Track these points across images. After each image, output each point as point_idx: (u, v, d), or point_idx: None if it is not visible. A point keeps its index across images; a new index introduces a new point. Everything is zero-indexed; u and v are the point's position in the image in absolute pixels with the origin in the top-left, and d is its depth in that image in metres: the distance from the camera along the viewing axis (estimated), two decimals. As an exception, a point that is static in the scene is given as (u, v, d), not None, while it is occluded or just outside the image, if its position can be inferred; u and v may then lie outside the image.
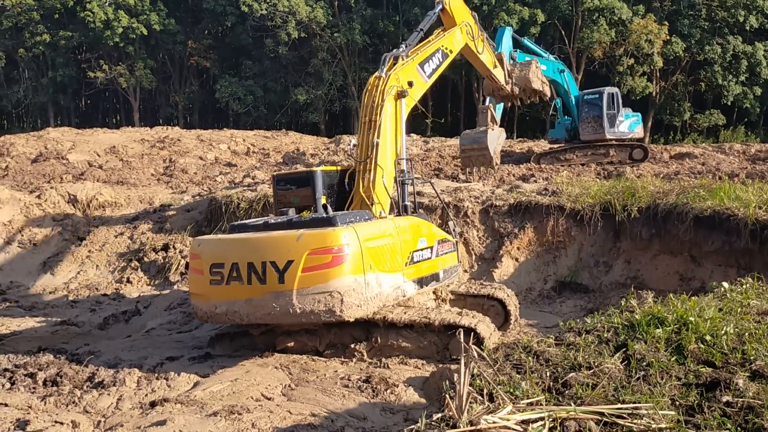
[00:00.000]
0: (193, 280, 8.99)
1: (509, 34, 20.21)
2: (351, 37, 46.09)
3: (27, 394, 7.64)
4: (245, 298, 8.21)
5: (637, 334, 6.23)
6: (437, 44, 11.69)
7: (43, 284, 15.66)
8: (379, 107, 10.18)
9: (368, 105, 10.30)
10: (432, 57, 11.42)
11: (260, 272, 8.09)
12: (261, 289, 8.09)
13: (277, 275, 8.00)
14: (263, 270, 8.08)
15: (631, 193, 13.60)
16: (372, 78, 10.47)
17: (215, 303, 8.44)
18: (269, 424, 6.64)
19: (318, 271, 7.95)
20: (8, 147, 27.32)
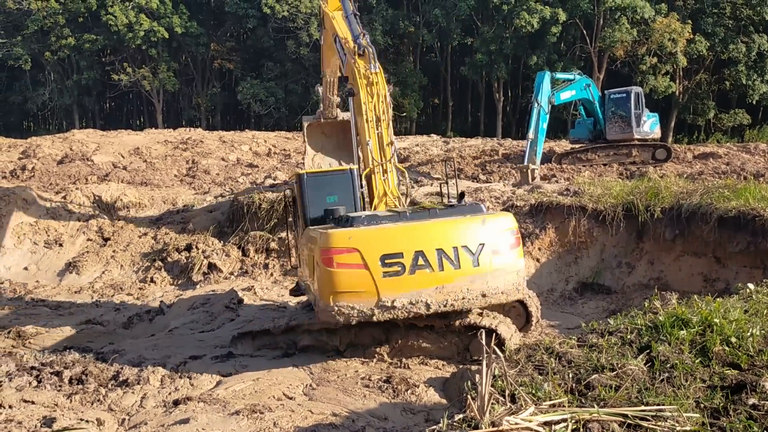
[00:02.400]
0: (346, 277, 7.98)
1: (548, 79, 21.30)
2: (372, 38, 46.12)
3: (53, 391, 7.75)
4: (435, 286, 8.13)
5: (660, 336, 6.16)
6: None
7: (69, 284, 15.89)
8: (384, 103, 10.26)
9: (373, 101, 10.28)
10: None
11: (453, 257, 8.13)
12: (455, 275, 8.15)
13: (471, 259, 8.17)
14: (456, 255, 8.14)
15: (654, 194, 13.46)
16: (365, 72, 10.35)
17: (390, 297, 8.03)
18: (291, 423, 6.68)
19: (503, 254, 8.37)
20: (34, 149, 27.73)
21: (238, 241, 16.30)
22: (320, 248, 8.03)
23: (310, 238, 8.87)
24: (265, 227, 16.40)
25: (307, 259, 9.02)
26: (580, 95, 23.57)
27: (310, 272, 8.75)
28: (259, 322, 10.80)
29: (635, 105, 23.32)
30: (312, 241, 8.61)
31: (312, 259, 8.53)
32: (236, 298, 13.12)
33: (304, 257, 9.52)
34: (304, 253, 9.47)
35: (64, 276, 16.34)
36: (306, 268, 9.34)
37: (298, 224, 10.51)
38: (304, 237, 9.56)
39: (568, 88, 23.00)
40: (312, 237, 8.66)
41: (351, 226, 8.21)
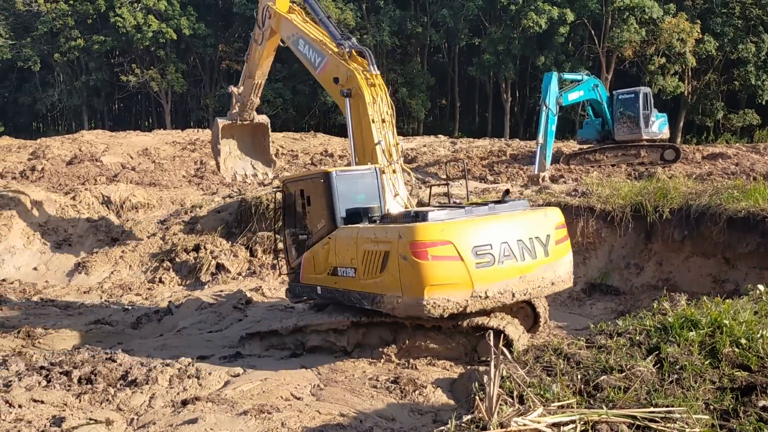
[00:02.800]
0: (441, 270, 7.93)
1: (556, 79, 21.31)
2: (380, 39, 46.14)
3: (62, 391, 7.79)
4: (519, 276, 8.41)
5: (669, 337, 6.13)
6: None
7: (78, 284, 15.96)
8: (387, 104, 10.32)
9: (377, 102, 10.34)
10: None
11: (530, 248, 8.50)
12: (534, 264, 8.54)
13: (542, 249, 8.64)
14: (532, 245, 8.53)
15: (663, 194, 13.40)
16: (364, 73, 10.42)
17: (483, 287, 8.12)
18: (298, 423, 6.69)
19: (561, 244, 8.96)
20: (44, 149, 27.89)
21: (245, 242, 16.34)
22: (410, 242, 7.89)
23: (369, 234, 8.57)
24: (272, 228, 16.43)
25: (360, 257, 8.65)
26: (588, 96, 23.55)
27: (369, 270, 8.52)
28: (267, 323, 10.83)
29: (643, 105, 23.24)
30: (379, 237, 8.38)
31: (375, 256, 8.36)
32: (244, 298, 13.15)
33: (340, 256, 9.11)
34: (341, 252, 9.08)
35: (73, 276, 16.42)
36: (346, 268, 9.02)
37: (293, 227, 10.39)
38: (339, 236, 9.18)
39: (576, 89, 22.97)
40: (382, 232, 8.39)
41: (424, 221, 8.14)
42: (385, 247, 8.22)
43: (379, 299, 8.41)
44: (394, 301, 8.15)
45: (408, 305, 8.05)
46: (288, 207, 10.62)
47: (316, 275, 9.72)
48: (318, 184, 9.63)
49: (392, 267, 8.12)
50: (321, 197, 9.57)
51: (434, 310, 7.93)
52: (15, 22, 51.41)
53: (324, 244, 9.49)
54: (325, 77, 11.27)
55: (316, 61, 11.36)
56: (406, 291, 8.01)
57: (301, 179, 10.50)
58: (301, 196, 10.17)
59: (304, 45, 11.74)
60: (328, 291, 9.57)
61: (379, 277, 8.33)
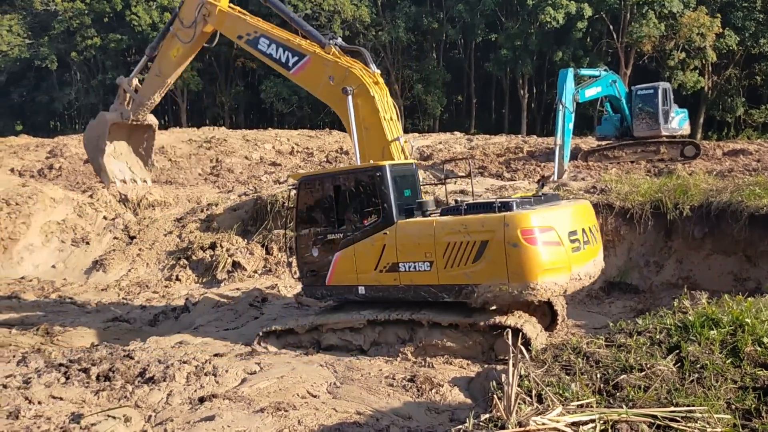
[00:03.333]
0: (549, 255, 8.22)
1: (572, 76, 20.95)
2: (395, 35, 46.08)
3: (81, 388, 7.84)
4: (592, 260, 9.12)
5: (690, 336, 6.05)
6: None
7: (96, 281, 16.09)
8: (390, 101, 10.31)
9: (385, 101, 10.29)
10: None
11: (591, 236, 9.22)
12: (595, 249, 9.39)
13: (595, 237, 9.41)
14: (592, 234, 9.31)
15: (683, 191, 13.24)
16: (368, 72, 10.36)
17: (577, 270, 8.56)
18: (315, 421, 6.68)
19: (596, 234, 9.63)
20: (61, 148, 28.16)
21: (261, 240, 16.38)
22: (521, 229, 8.08)
23: (456, 225, 8.56)
24: (288, 225, 16.44)
25: (441, 250, 8.63)
26: (607, 92, 23.30)
27: (455, 261, 8.55)
28: (283, 321, 10.84)
29: (663, 101, 22.98)
30: (472, 227, 8.43)
31: (466, 246, 8.43)
32: (260, 296, 13.18)
33: (405, 251, 8.98)
34: (407, 247, 8.96)
35: (91, 274, 16.55)
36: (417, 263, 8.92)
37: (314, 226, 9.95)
38: (403, 230, 9.03)
39: (594, 85, 22.73)
40: (476, 223, 8.43)
41: (508, 211, 8.34)
42: (483, 237, 8.31)
43: (470, 289, 8.50)
44: (495, 289, 8.26)
45: (515, 291, 8.19)
46: (307, 205, 10.17)
47: (358, 274, 9.44)
48: (367, 179, 9.37)
49: (495, 255, 8.22)
50: (370, 192, 9.34)
51: (544, 293, 8.21)
52: (32, 22, 52.01)
53: (375, 240, 9.22)
54: (306, 77, 11.00)
55: (290, 60, 11.08)
56: (515, 278, 8.16)
57: (335, 175, 9.95)
58: (333, 193, 9.71)
59: (269, 44, 11.39)
60: (377, 289, 9.32)
61: (472, 267, 8.40)
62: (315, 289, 10.09)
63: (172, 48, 13.64)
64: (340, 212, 9.70)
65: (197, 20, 12.84)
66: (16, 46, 50.46)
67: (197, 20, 12.84)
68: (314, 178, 10.15)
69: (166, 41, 13.73)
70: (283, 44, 11.27)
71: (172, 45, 13.63)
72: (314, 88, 11.04)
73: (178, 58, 13.63)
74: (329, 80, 10.56)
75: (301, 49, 11.06)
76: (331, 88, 10.60)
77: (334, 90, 10.52)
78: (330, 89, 10.63)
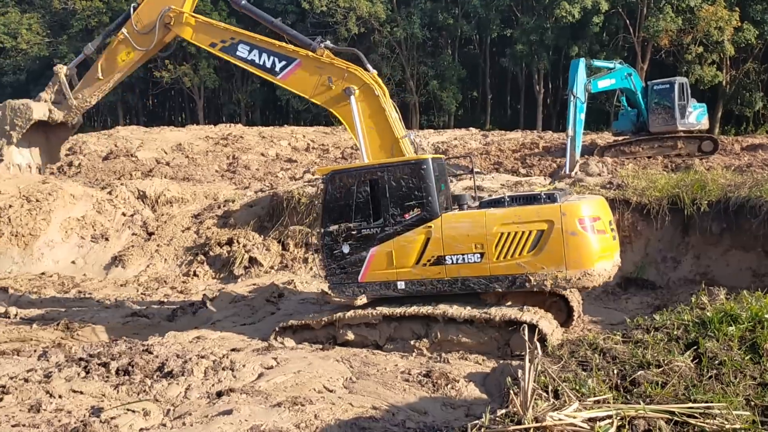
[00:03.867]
0: (601, 242, 8.80)
1: (583, 66, 20.75)
2: (411, 31, 46.00)
3: (101, 382, 7.93)
4: (617, 250, 9.45)
5: (708, 332, 6.02)
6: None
7: (115, 277, 16.25)
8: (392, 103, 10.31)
9: (389, 102, 10.27)
10: None
11: (613, 227, 9.43)
12: (617, 242, 9.56)
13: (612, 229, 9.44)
14: (612, 226, 9.43)
15: (701, 187, 13.13)
16: (367, 72, 10.28)
17: (616, 256, 9.21)
18: (331, 415, 6.71)
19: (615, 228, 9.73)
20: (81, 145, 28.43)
21: (278, 236, 16.45)
22: (579, 218, 8.55)
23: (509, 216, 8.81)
24: (304, 222, 16.50)
25: (493, 241, 8.78)
26: (621, 84, 23.09)
27: (509, 252, 8.74)
28: (299, 316, 10.89)
29: (679, 96, 22.76)
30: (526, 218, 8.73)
31: (521, 237, 8.69)
32: (277, 291, 13.26)
33: (452, 244, 9.00)
34: (455, 239, 8.99)
35: (110, 269, 16.72)
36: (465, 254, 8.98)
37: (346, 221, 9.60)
38: (449, 223, 9.08)
39: (607, 77, 22.51)
40: (531, 213, 8.74)
41: (554, 202, 8.74)
42: (539, 226, 8.61)
43: (524, 278, 8.75)
44: (552, 276, 8.59)
45: (573, 278, 8.58)
46: (337, 200, 9.73)
47: (398, 269, 9.34)
48: (409, 172, 9.27)
49: (552, 244, 8.54)
50: (412, 185, 9.24)
51: (598, 279, 8.67)
52: (51, 20, 52.55)
53: (418, 234, 9.16)
54: (296, 81, 10.73)
55: (277, 65, 10.77)
56: (573, 265, 8.54)
57: (371, 168, 9.65)
58: (369, 187, 9.52)
59: (250, 50, 11.05)
60: (419, 284, 9.26)
61: (527, 257, 8.67)
62: (346, 286, 9.74)
63: (121, 51, 12.50)
64: (377, 207, 9.48)
65: (157, 27, 11.91)
66: (35, 44, 51.05)
67: (157, 27, 11.91)
68: (346, 173, 9.78)
69: (115, 43, 12.55)
70: (268, 49, 10.89)
71: (121, 48, 12.49)
72: (307, 91, 10.74)
73: (128, 63, 12.54)
74: (328, 82, 10.35)
75: (289, 52, 10.76)
76: (329, 91, 10.36)
77: (334, 92, 10.32)
78: (329, 91, 10.39)
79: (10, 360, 8.90)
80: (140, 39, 12.19)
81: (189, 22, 11.73)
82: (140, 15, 12.16)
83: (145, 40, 12.16)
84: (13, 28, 50.91)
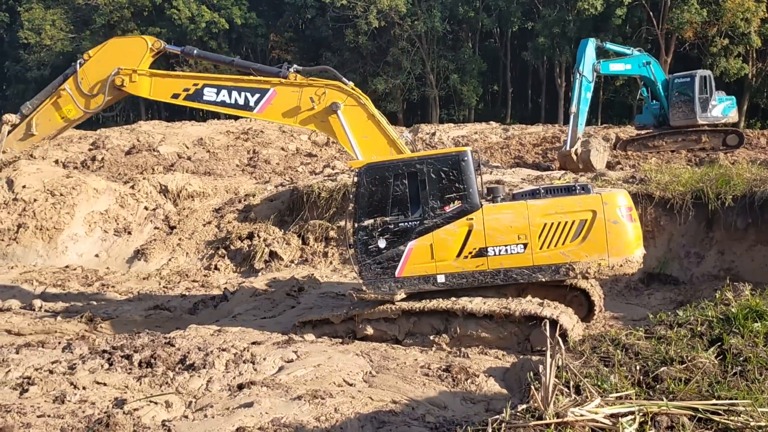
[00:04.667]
0: (638, 230, 9.31)
1: (593, 46, 20.57)
2: (431, 25, 45.80)
3: (124, 374, 8.03)
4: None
5: (733, 328, 5.95)
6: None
7: (137, 270, 16.43)
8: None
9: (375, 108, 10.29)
10: None
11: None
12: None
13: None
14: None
15: (726, 181, 12.94)
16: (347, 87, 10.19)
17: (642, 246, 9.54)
18: (351, 409, 6.73)
19: None
20: (104, 140, 28.72)
21: (298, 230, 16.51)
22: (618, 207, 8.95)
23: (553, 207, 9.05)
24: (324, 216, 16.55)
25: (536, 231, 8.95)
26: (637, 71, 22.70)
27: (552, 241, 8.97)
28: (319, 311, 10.92)
29: (700, 89, 22.29)
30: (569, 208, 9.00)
31: (564, 226, 8.95)
32: (297, 285, 13.32)
33: (495, 235, 9.04)
34: (497, 231, 9.04)
35: (133, 263, 16.90)
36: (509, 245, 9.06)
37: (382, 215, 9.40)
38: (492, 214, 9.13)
39: (622, 61, 22.14)
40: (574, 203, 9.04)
41: (587, 193, 9.15)
42: (582, 216, 8.93)
43: (568, 267, 8.97)
44: (596, 264, 8.86)
45: (616, 265, 8.92)
46: (372, 194, 9.48)
47: (437, 263, 9.30)
48: (450, 164, 9.22)
49: (596, 233, 8.86)
50: (453, 178, 9.20)
51: (636, 265, 9.10)
52: (74, 16, 53.09)
53: (459, 226, 9.13)
54: (275, 110, 10.39)
55: (251, 100, 10.37)
56: (615, 252, 8.89)
57: (409, 161, 9.49)
58: (407, 180, 9.35)
59: (218, 92, 10.53)
60: (460, 276, 9.23)
61: (571, 246, 8.92)
62: (382, 282, 9.47)
63: (61, 109, 11.29)
64: (415, 200, 9.38)
65: (107, 89, 10.92)
66: (59, 40, 51.61)
67: (107, 89, 10.92)
68: (383, 166, 9.51)
69: (55, 100, 11.28)
70: (236, 87, 10.44)
71: (61, 106, 11.27)
72: (290, 118, 10.42)
73: (67, 122, 11.44)
74: (310, 103, 10.09)
75: (260, 84, 10.35)
76: (314, 111, 10.13)
77: (319, 111, 10.10)
78: (313, 112, 10.15)
79: (35, 351, 9.04)
80: (85, 100, 11.18)
81: (144, 80, 10.92)
82: (86, 73, 11.11)
83: (90, 102, 11.19)
84: (37, 24, 51.50)
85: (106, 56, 11.09)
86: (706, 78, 22.81)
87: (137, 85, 10.92)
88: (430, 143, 27.57)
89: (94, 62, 11.10)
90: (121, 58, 11.01)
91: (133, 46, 11.20)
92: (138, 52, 11.01)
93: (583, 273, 8.96)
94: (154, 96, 11.19)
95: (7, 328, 11.36)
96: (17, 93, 59.96)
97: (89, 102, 11.21)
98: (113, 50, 11.15)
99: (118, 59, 10.99)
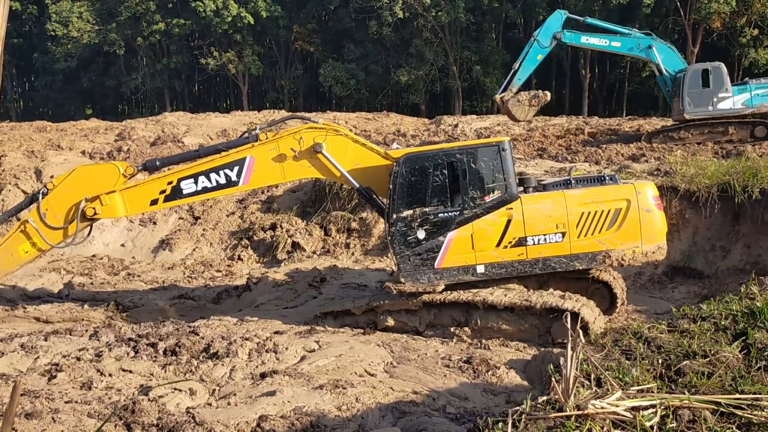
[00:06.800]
0: (662, 219, 9.53)
1: (560, 17, 21.91)
2: (455, 16, 45.50)
3: (149, 362, 8.17)
4: None
5: (758, 323, 5.88)
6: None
7: (162, 260, 16.64)
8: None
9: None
10: None
11: None
12: None
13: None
14: None
15: (753, 174, 12.74)
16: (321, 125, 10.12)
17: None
18: (372, 399, 6.79)
19: None
20: (129, 131, 29.06)
21: (320, 221, 16.59)
22: (651, 196, 9.31)
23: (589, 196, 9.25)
24: (346, 207, 16.60)
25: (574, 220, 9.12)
26: (630, 52, 22.04)
27: (589, 230, 9.16)
28: (340, 302, 10.98)
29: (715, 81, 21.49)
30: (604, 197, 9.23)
31: (600, 215, 9.17)
32: (319, 276, 13.40)
33: (534, 225, 9.12)
34: (536, 220, 9.12)
35: (158, 253, 17.12)
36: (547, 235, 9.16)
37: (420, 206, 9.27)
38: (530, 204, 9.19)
39: (607, 37, 21.53)
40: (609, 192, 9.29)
41: (616, 183, 9.50)
42: (617, 205, 9.17)
43: (603, 255, 9.18)
44: (631, 251, 9.15)
45: (649, 252, 9.25)
46: (411, 185, 9.31)
47: (477, 253, 9.25)
48: (490, 154, 9.19)
49: (630, 221, 9.13)
50: (492, 168, 9.18)
51: (665, 252, 9.49)
52: (101, 8, 53.69)
53: (499, 216, 9.13)
54: (260, 177, 10.06)
55: (232, 175, 9.97)
56: (648, 239, 9.21)
57: (449, 151, 9.40)
58: (447, 170, 9.22)
59: (196, 180, 10.05)
60: (499, 266, 9.25)
61: (607, 234, 9.16)
62: (421, 273, 9.37)
63: (23, 242, 10.27)
64: (455, 190, 9.35)
65: (78, 220, 10.10)
66: (85, 32, 52.23)
67: (78, 220, 10.10)
68: (422, 156, 9.39)
69: (17, 231, 10.30)
70: (212, 168, 10.00)
71: (23, 240, 10.26)
72: (277, 176, 10.14)
73: (31, 255, 10.46)
74: (292, 152, 9.84)
75: (235, 156, 9.97)
76: (298, 160, 9.90)
77: (304, 157, 9.88)
78: (298, 161, 9.91)
79: (63, 339, 9.23)
80: (52, 234, 10.25)
81: (115, 199, 10.16)
82: (51, 204, 10.17)
83: (57, 235, 10.28)
84: (65, 16, 52.17)
85: (73, 185, 10.21)
86: (714, 69, 21.94)
87: (110, 207, 10.17)
88: (452, 135, 27.46)
89: (59, 192, 10.19)
90: (90, 186, 10.17)
91: (104, 173, 10.32)
92: (109, 179, 10.23)
93: (618, 260, 9.18)
94: (132, 212, 10.76)
95: (35, 316, 11.60)
96: (45, 84, 60.97)
97: (56, 235, 10.29)
98: (81, 178, 10.26)
99: (87, 188, 10.17)
